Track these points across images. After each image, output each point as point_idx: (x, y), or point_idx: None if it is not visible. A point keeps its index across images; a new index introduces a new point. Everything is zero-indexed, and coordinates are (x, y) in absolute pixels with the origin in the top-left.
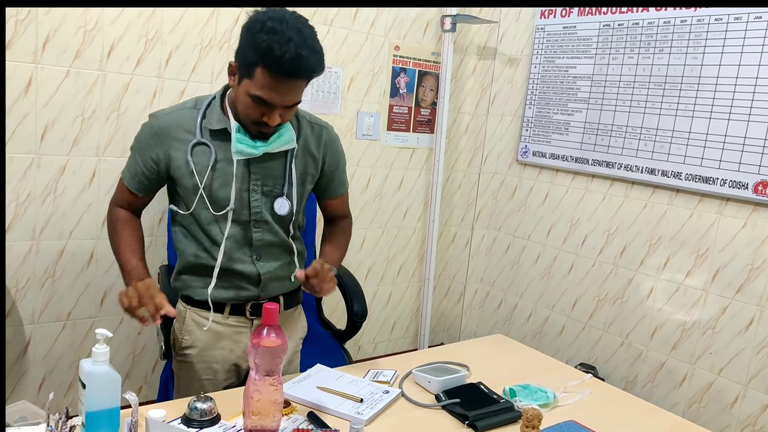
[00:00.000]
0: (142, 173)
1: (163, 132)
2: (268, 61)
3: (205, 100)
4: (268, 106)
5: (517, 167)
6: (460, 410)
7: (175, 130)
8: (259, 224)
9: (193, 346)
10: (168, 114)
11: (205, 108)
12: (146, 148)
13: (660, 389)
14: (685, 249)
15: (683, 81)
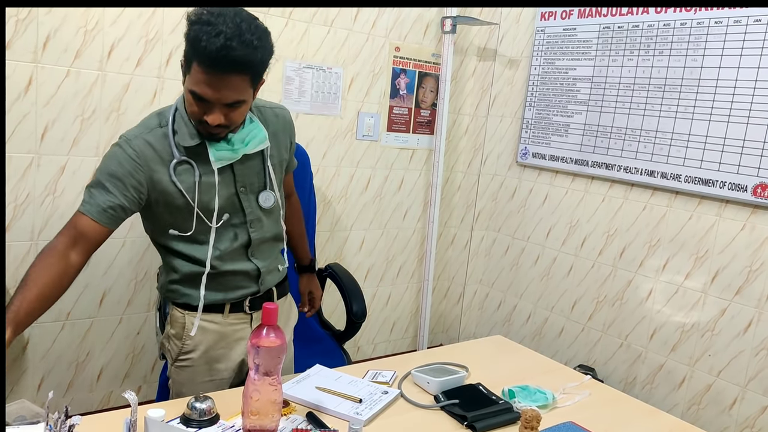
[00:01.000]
0: (117, 203)
1: (142, 157)
2: (198, 52)
3: (167, 114)
4: (205, 102)
5: (517, 169)
6: (458, 411)
7: (151, 154)
8: (254, 224)
9: (196, 350)
10: (139, 137)
11: (172, 123)
12: (126, 176)
13: (659, 391)
14: (684, 251)
15: (683, 83)
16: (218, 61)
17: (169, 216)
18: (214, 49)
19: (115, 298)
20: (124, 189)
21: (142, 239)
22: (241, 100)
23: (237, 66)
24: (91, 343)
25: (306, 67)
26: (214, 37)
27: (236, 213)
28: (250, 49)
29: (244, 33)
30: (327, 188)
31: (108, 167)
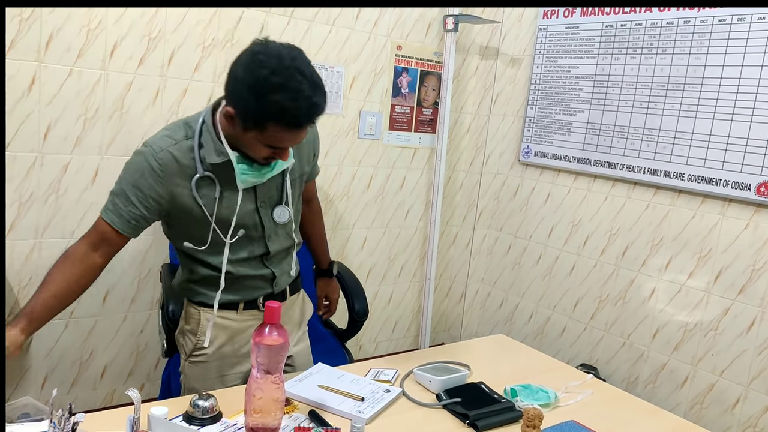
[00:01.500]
0: (139, 214)
1: (165, 171)
2: (284, 120)
3: (194, 125)
4: (279, 149)
5: (519, 167)
6: (460, 410)
7: (175, 168)
8: (272, 237)
9: (210, 346)
10: (165, 150)
11: (198, 136)
12: (147, 188)
13: (661, 390)
14: (687, 250)
15: (686, 82)
16: (306, 120)
17: (186, 227)
18: (303, 114)
19: (119, 296)
20: (146, 200)
21: (146, 237)
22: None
23: (320, 115)
24: (95, 341)
25: None
26: (298, 101)
27: (255, 227)
28: (324, 91)
29: (316, 82)
30: (329, 187)
31: (132, 178)
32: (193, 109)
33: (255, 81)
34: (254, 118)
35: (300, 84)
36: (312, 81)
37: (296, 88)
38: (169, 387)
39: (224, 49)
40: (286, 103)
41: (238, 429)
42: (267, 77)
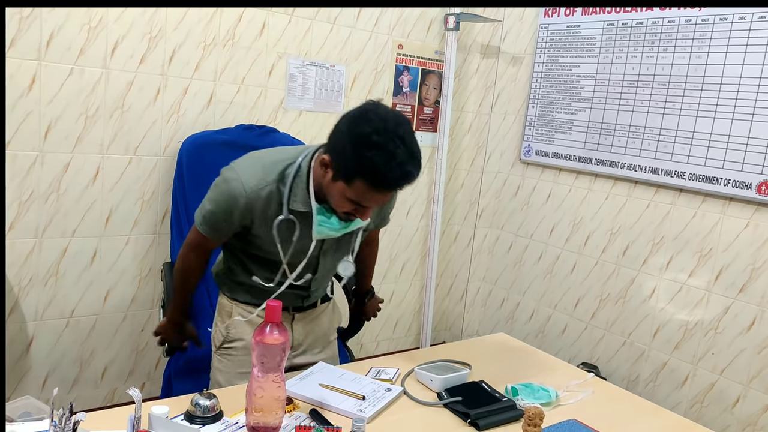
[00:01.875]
0: (227, 231)
1: (252, 207)
2: (373, 179)
3: (290, 170)
4: (361, 206)
5: (520, 166)
6: (462, 408)
7: (262, 207)
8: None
9: (241, 339)
10: (255, 191)
11: (291, 182)
12: (238, 218)
13: (662, 389)
14: (688, 249)
15: (687, 80)
16: (395, 185)
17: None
18: (394, 178)
19: (120, 295)
20: (230, 223)
21: (147, 236)
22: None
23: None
24: (96, 340)
25: (309, 64)
26: (391, 163)
27: (309, 269)
28: (419, 162)
29: (414, 152)
30: None
31: (224, 206)
32: (193, 110)
33: (356, 135)
34: (346, 170)
35: (397, 149)
36: (410, 150)
37: (393, 152)
38: (170, 386)
39: (225, 48)
40: (380, 163)
41: (239, 428)
42: (368, 134)
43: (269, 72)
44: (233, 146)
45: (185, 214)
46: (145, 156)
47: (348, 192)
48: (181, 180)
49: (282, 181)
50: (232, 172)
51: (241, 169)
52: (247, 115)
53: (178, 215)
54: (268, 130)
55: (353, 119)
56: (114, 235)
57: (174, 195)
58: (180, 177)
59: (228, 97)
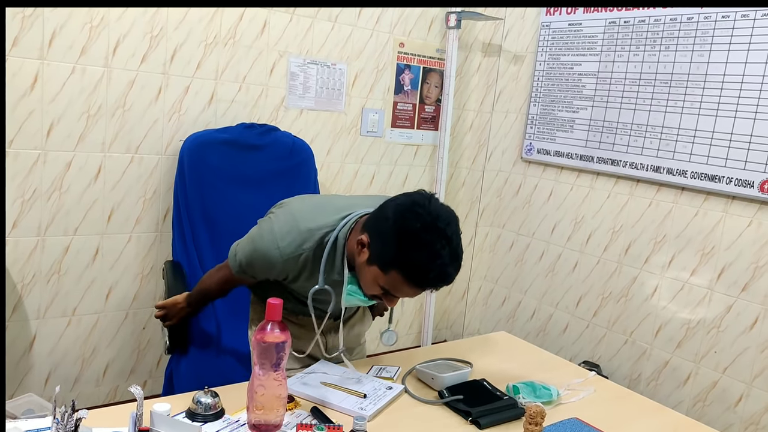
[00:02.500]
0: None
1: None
2: (412, 276)
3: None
4: (391, 295)
5: (522, 165)
6: (463, 407)
7: (298, 269)
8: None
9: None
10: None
11: (328, 254)
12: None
13: (664, 388)
14: (690, 247)
15: (689, 78)
16: (432, 286)
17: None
18: (433, 279)
19: (121, 293)
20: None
21: (149, 234)
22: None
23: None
24: (97, 338)
25: (310, 62)
26: (433, 264)
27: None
28: (459, 268)
29: (458, 254)
30: (331, 184)
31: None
32: (194, 109)
33: (403, 229)
34: (384, 258)
35: (442, 249)
36: (455, 252)
37: (437, 253)
38: (172, 384)
39: (226, 47)
40: (422, 262)
41: (240, 426)
42: (416, 231)
43: (270, 71)
44: (234, 145)
45: (186, 214)
46: (147, 155)
47: (381, 279)
48: (182, 179)
49: (320, 247)
50: (271, 234)
51: (280, 231)
52: (248, 114)
53: (179, 214)
54: (269, 128)
55: (402, 211)
56: (116, 233)
57: (175, 194)
58: (181, 176)
59: (229, 96)
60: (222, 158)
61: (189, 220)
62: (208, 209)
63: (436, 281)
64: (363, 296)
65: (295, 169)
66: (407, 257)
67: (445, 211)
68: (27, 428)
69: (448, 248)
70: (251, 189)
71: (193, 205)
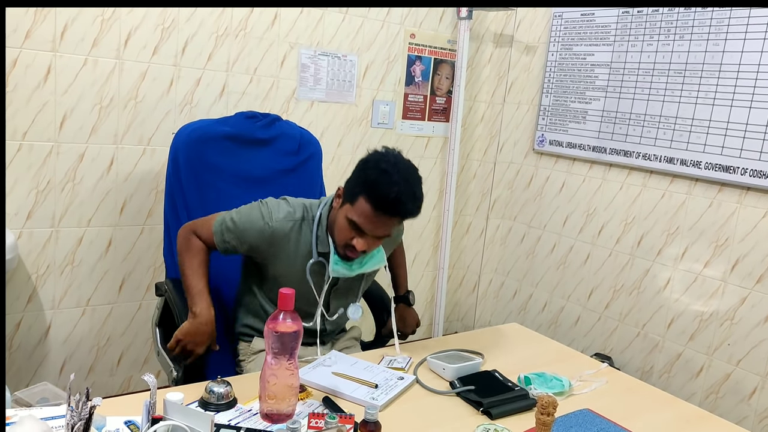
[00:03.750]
0: (232, 247)
1: (273, 237)
2: (372, 194)
3: (311, 212)
4: (359, 231)
5: (534, 156)
6: (474, 397)
7: (283, 240)
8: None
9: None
10: (281, 222)
11: (316, 227)
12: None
13: (676, 380)
14: (703, 239)
15: (704, 68)
16: (387, 209)
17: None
18: (388, 198)
19: (134, 284)
20: (241, 243)
21: (160, 226)
22: (388, 235)
23: (402, 216)
24: (111, 328)
25: (321, 54)
26: (390, 186)
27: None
28: (417, 202)
29: (413, 187)
30: (342, 176)
31: (246, 226)
32: (206, 100)
33: (366, 160)
34: (352, 191)
35: (400, 180)
36: (412, 189)
37: (394, 180)
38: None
39: (237, 38)
40: (381, 182)
41: (252, 415)
42: (377, 160)
43: (281, 62)
44: (236, 140)
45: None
46: (159, 147)
47: (350, 213)
48: (177, 178)
49: (305, 221)
50: (265, 206)
51: (271, 205)
52: (259, 106)
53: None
54: (273, 118)
55: (370, 153)
56: (128, 224)
57: (168, 196)
58: (176, 174)
59: (240, 88)
60: (223, 155)
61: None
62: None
63: (395, 204)
64: (349, 266)
65: (303, 165)
66: (369, 179)
67: (408, 161)
68: (42, 416)
69: (405, 183)
70: (257, 189)
71: (194, 210)
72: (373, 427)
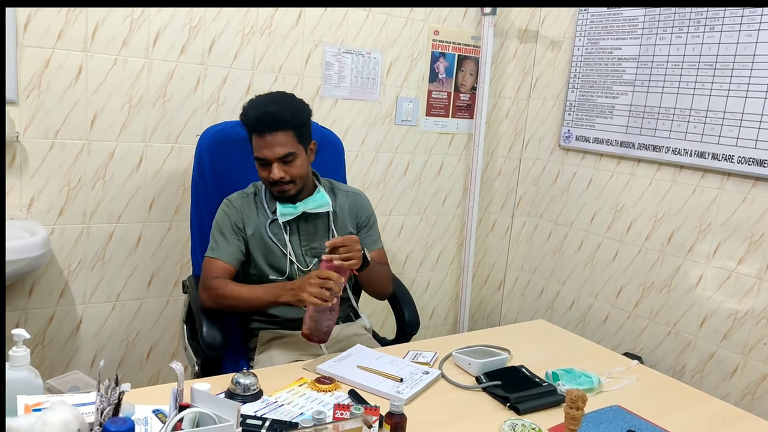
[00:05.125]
0: (236, 244)
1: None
2: (248, 126)
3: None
4: (267, 163)
5: (560, 152)
6: (501, 392)
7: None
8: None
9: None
10: (237, 199)
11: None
12: (229, 221)
13: (709, 380)
14: (737, 235)
15: (735, 60)
16: (261, 123)
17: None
18: (256, 115)
19: (162, 280)
20: (233, 231)
21: (188, 223)
22: (291, 153)
23: (277, 123)
24: (140, 323)
25: (345, 52)
26: (254, 108)
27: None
28: (284, 108)
29: (277, 99)
30: (366, 174)
31: (222, 222)
32: (232, 99)
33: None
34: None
35: (259, 101)
36: (272, 97)
37: (257, 102)
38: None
39: (262, 37)
40: (248, 113)
41: (278, 406)
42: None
43: (306, 60)
44: None
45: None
46: (186, 144)
47: (254, 153)
48: (202, 180)
49: (257, 195)
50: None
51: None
52: None
53: (200, 222)
54: None
55: None
56: (157, 221)
57: (195, 196)
58: (201, 177)
59: (266, 86)
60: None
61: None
62: None
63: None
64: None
65: (326, 165)
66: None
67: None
68: (73, 402)
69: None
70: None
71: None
72: (398, 419)
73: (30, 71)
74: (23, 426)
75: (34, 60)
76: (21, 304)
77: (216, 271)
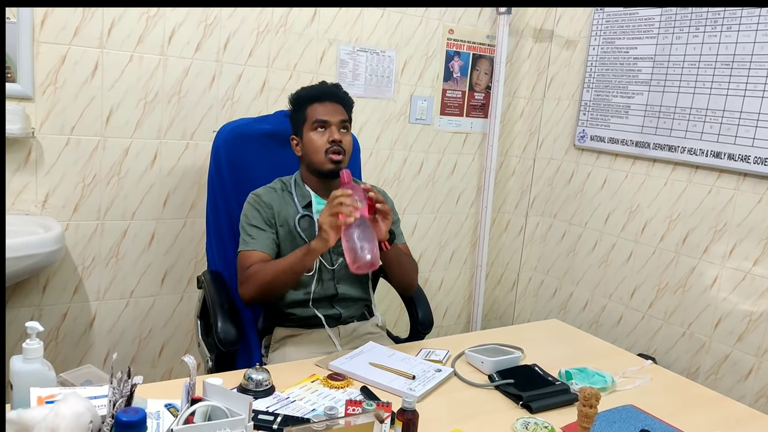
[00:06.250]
0: (271, 236)
1: (267, 199)
2: (312, 96)
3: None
4: (326, 125)
5: (574, 152)
6: (513, 391)
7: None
8: (340, 281)
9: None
10: (265, 194)
11: (294, 189)
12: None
13: (724, 382)
14: (753, 236)
15: (752, 59)
16: (323, 92)
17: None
18: (324, 88)
19: (176, 276)
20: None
21: (202, 220)
22: (347, 120)
23: (336, 97)
24: (153, 320)
25: (360, 50)
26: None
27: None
28: (340, 89)
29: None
30: (380, 172)
31: (253, 216)
32: (247, 96)
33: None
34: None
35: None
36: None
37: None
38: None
39: (277, 35)
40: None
41: (290, 402)
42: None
43: (320, 58)
44: (276, 138)
45: (226, 217)
46: (201, 141)
47: (310, 122)
48: (219, 176)
49: (285, 191)
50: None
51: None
52: None
53: (216, 218)
54: None
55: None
56: (171, 218)
57: (212, 192)
58: (218, 173)
59: (280, 84)
60: (263, 153)
61: (229, 224)
62: None
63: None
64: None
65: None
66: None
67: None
68: (85, 395)
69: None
70: None
71: (234, 209)
72: (410, 416)
73: (46, 67)
74: (36, 417)
75: (51, 56)
76: (35, 300)
77: (253, 260)
